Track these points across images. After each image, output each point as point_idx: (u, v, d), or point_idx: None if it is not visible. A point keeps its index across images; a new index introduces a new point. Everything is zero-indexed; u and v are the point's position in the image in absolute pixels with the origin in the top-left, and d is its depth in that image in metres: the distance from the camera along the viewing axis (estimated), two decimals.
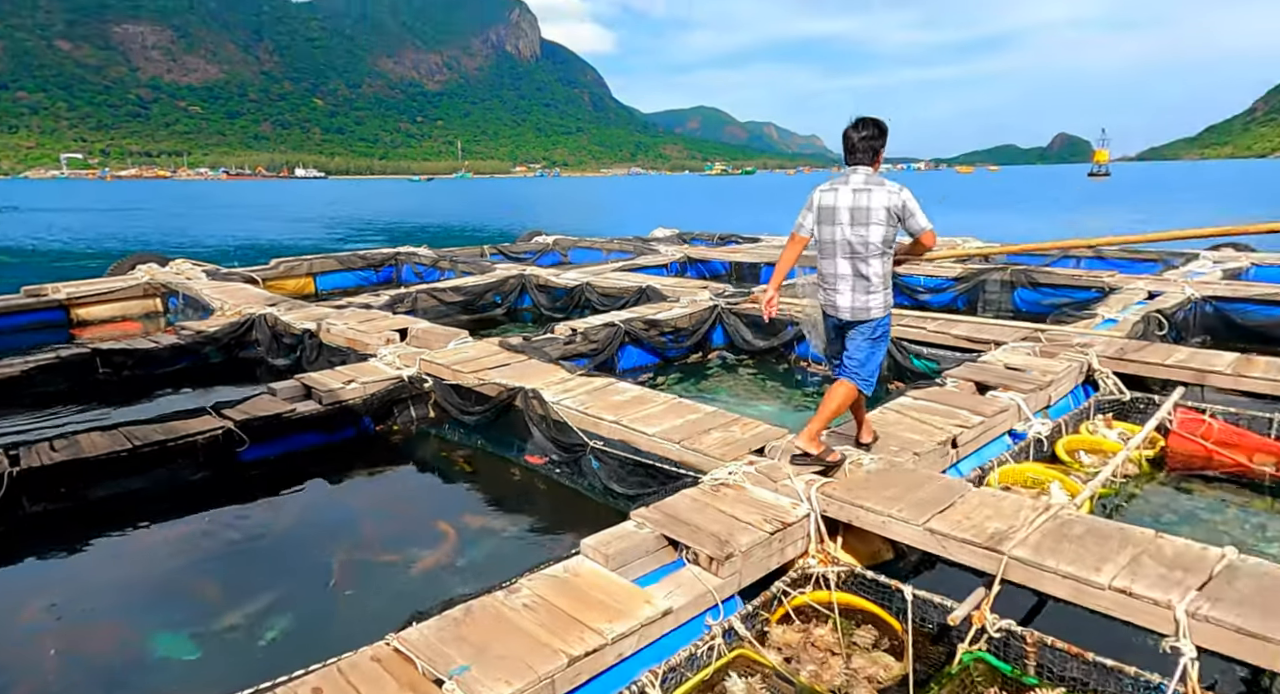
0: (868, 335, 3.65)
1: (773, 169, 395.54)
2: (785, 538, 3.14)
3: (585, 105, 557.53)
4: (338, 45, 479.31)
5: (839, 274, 3.59)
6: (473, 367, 5.09)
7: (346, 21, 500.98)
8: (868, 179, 3.50)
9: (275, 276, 10.43)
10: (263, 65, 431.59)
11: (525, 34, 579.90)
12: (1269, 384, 4.89)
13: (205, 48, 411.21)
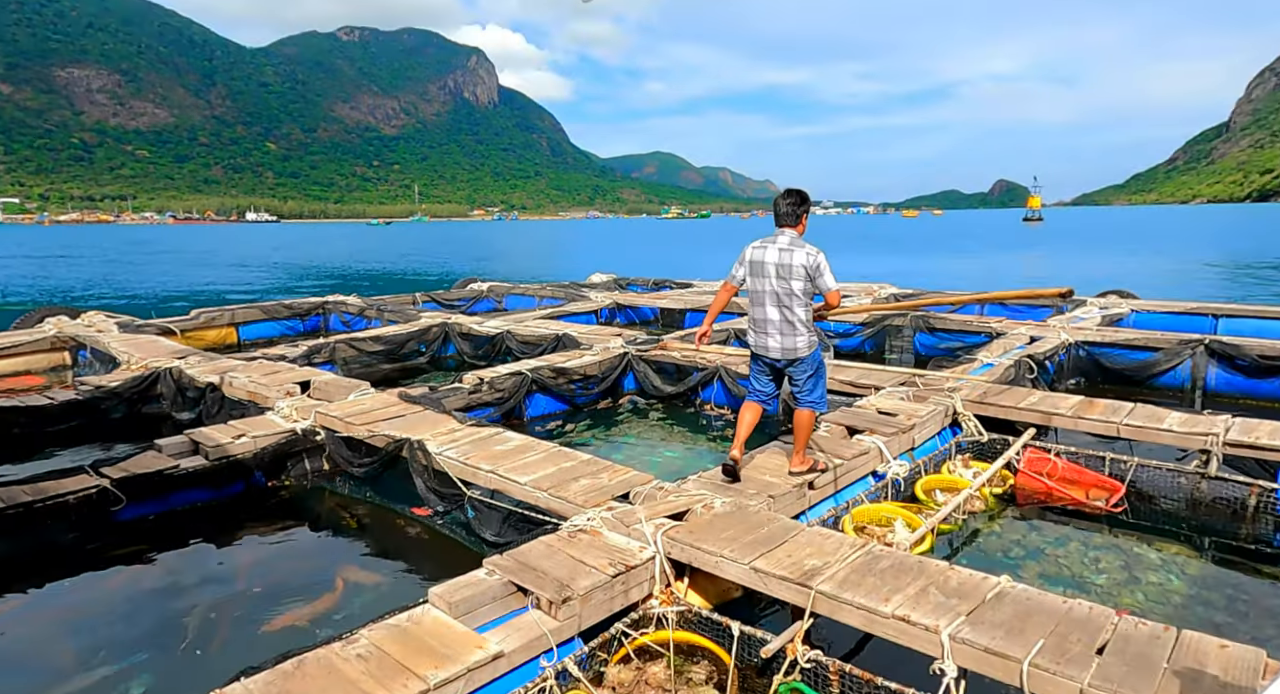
0: (807, 371, 4.36)
1: (728, 212, 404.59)
2: (629, 580, 3.31)
3: (543, 150, 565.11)
4: (292, 90, 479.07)
5: (769, 319, 4.28)
6: (366, 419, 5.22)
7: (302, 67, 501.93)
8: (792, 241, 4.22)
9: (195, 328, 10.38)
10: (214, 110, 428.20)
11: (483, 81, 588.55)
12: (1103, 424, 5.33)
13: (154, 92, 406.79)
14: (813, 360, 4.36)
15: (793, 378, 4.41)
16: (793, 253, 4.16)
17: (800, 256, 4.15)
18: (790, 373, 4.40)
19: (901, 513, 4.62)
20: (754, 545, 3.39)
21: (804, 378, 4.37)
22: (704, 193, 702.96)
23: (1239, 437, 4.83)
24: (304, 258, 44.83)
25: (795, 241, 4.21)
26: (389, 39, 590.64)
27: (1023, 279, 25.56)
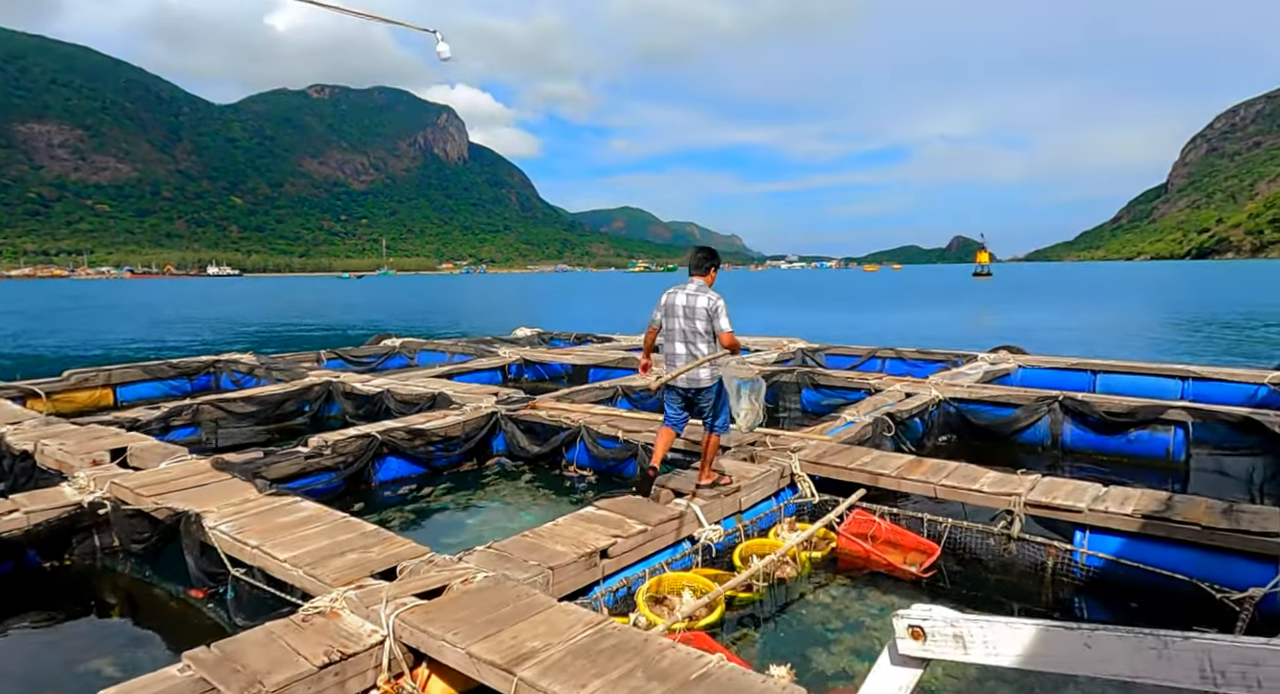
0: (710, 399, 5.13)
1: None
2: (346, 670, 3.07)
3: (513, 205, 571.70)
4: (260, 146, 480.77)
5: (677, 354, 5.08)
6: (161, 489, 4.97)
7: (269, 123, 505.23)
8: (699, 288, 5.06)
9: (65, 389, 9.98)
10: (178, 164, 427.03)
11: (453, 137, 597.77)
12: (923, 485, 5.31)
13: (117, 147, 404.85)
14: (714, 389, 5.13)
15: (699, 405, 5.18)
16: (698, 297, 4.99)
17: (703, 300, 4.98)
18: (697, 401, 5.17)
19: (699, 581, 4.50)
20: (485, 626, 3.21)
21: (708, 405, 5.14)
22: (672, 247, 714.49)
23: (1039, 496, 4.83)
24: (248, 313, 44.10)
25: (701, 288, 5.05)
26: (360, 97, 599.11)
27: (946, 331, 26.09)
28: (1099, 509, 4.59)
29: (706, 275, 5.14)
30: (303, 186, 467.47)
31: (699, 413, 5.23)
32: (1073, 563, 4.63)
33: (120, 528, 4.70)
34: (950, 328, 28.55)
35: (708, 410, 5.15)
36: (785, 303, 49.41)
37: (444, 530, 6.07)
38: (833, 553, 5.21)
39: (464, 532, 6.03)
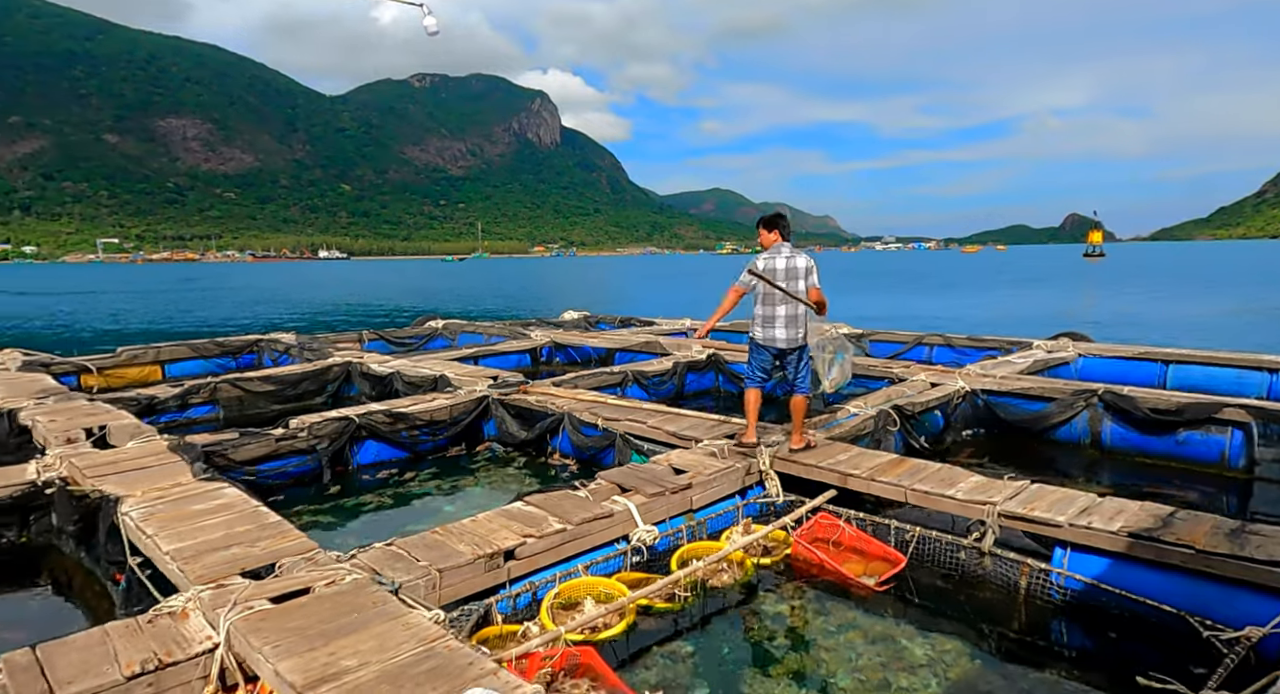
0: (803, 358, 5.40)
1: None
2: (162, 680, 2.85)
3: (603, 188, 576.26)
4: (365, 135, 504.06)
5: (780, 315, 5.29)
6: (106, 470, 5.05)
7: (375, 113, 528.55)
8: (793, 250, 5.35)
9: (116, 365, 10.58)
10: (294, 154, 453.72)
11: (546, 122, 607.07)
12: (894, 488, 4.72)
13: (242, 139, 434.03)
14: (806, 350, 5.35)
15: (790, 366, 5.37)
16: (796, 258, 5.26)
17: (801, 260, 5.27)
18: (789, 362, 5.37)
19: (616, 587, 4.14)
20: (314, 638, 2.90)
21: (802, 362, 5.35)
22: None
23: (1016, 507, 4.18)
24: (345, 294, 46.28)
25: (795, 250, 5.34)
26: (458, 84, 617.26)
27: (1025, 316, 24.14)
28: (1081, 524, 3.92)
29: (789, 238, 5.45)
30: (405, 173, 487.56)
31: (786, 373, 5.42)
32: (1050, 583, 3.98)
33: (58, 508, 4.79)
34: (1031, 312, 26.44)
35: (797, 370, 5.38)
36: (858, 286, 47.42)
37: (396, 520, 5.89)
38: (787, 560, 4.74)
39: (419, 520, 5.83)
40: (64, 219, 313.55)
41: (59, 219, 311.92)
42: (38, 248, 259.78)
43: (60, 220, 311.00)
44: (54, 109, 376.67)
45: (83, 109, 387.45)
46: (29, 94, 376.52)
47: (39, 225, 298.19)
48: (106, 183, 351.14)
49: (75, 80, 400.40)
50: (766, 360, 5.42)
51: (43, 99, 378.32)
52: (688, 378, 9.72)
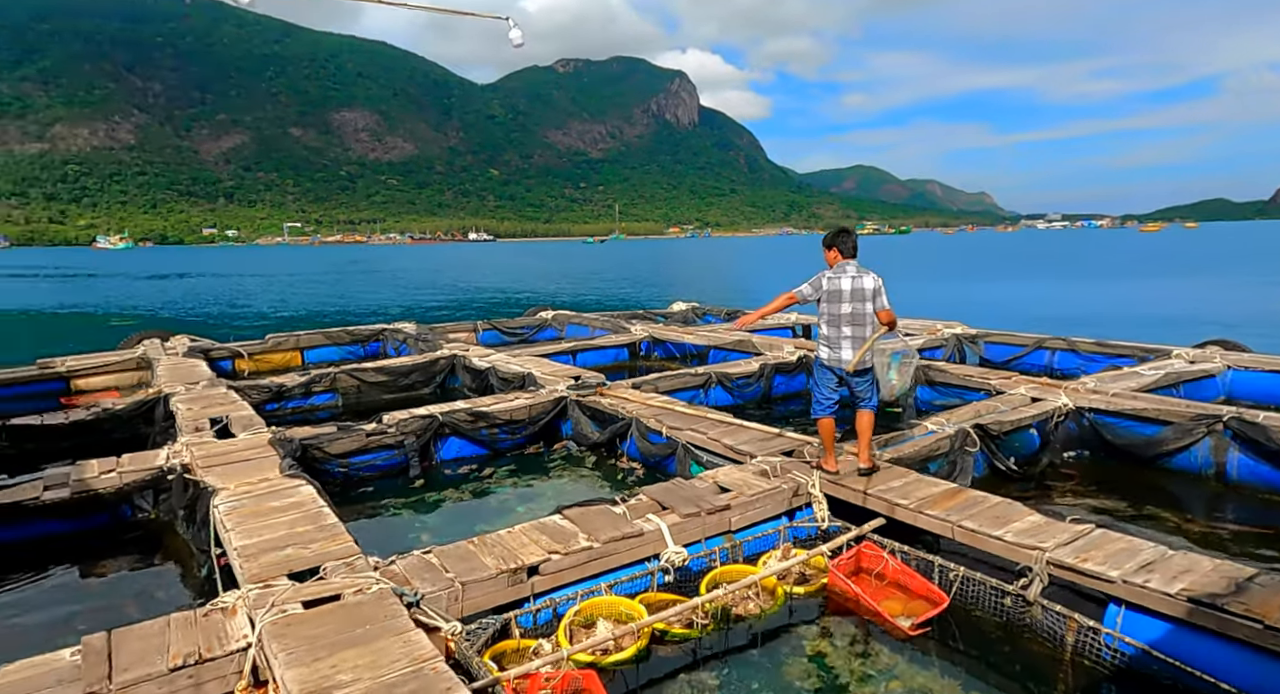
0: (871, 378, 5.26)
1: (933, 227, 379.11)
2: (201, 674, 3.19)
3: (740, 167, 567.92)
4: (513, 121, 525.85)
5: (843, 336, 5.17)
6: (215, 461, 5.73)
7: (522, 99, 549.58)
8: (859, 268, 5.17)
9: (263, 351, 11.89)
10: (449, 141, 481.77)
11: (684, 102, 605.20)
12: (940, 523, 4.43)
13: (404, 128, 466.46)
14: (873, 369, 5.24)
15: (857, 385, 5.27)
16: (863, 279, 5.13)
17: (869, 281, 5.13)
18: (855, 381, 5.24)
19: (636, 609, 4.21)
20: (326, 647, 3.16)
21: (867, 384, 5.26)
22: (908, 207, 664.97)
23: (1067, 555, 3.81)
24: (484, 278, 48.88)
25: (861, 269, 5.17)
26: (598, 68, 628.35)
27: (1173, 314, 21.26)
28: (1136, 582, 3.52)
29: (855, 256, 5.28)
30: (548, 157, 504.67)
31: (854, 392, 5.32)
32: (1100, 644, 3.61)
33: (175, 493, 5.52)
34: (1195, 308, 23.26)
35: (865, 388, 5.27)
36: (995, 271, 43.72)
37: (471, 516, 6.25)
38: (823, 590, 4.60)
39: (492, 518, 6.12)
40: (258, 206, 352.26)
41: (254, 206, 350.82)
42: (238, 231, 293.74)
43: (255, 207, 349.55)
44: (251, 107, 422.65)
45: (274, 106, 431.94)
46: (232, 94, 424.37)
47: (239, 211, 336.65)
48: (291, 172, 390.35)
49: (268, 80, 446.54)
50: (833, 381, 5.31)
51: (243, 98, 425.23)
52: (776, 380, 9.52)
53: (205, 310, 28.23)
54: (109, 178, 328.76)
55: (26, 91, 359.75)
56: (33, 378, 9.80)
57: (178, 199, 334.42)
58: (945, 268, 51.85)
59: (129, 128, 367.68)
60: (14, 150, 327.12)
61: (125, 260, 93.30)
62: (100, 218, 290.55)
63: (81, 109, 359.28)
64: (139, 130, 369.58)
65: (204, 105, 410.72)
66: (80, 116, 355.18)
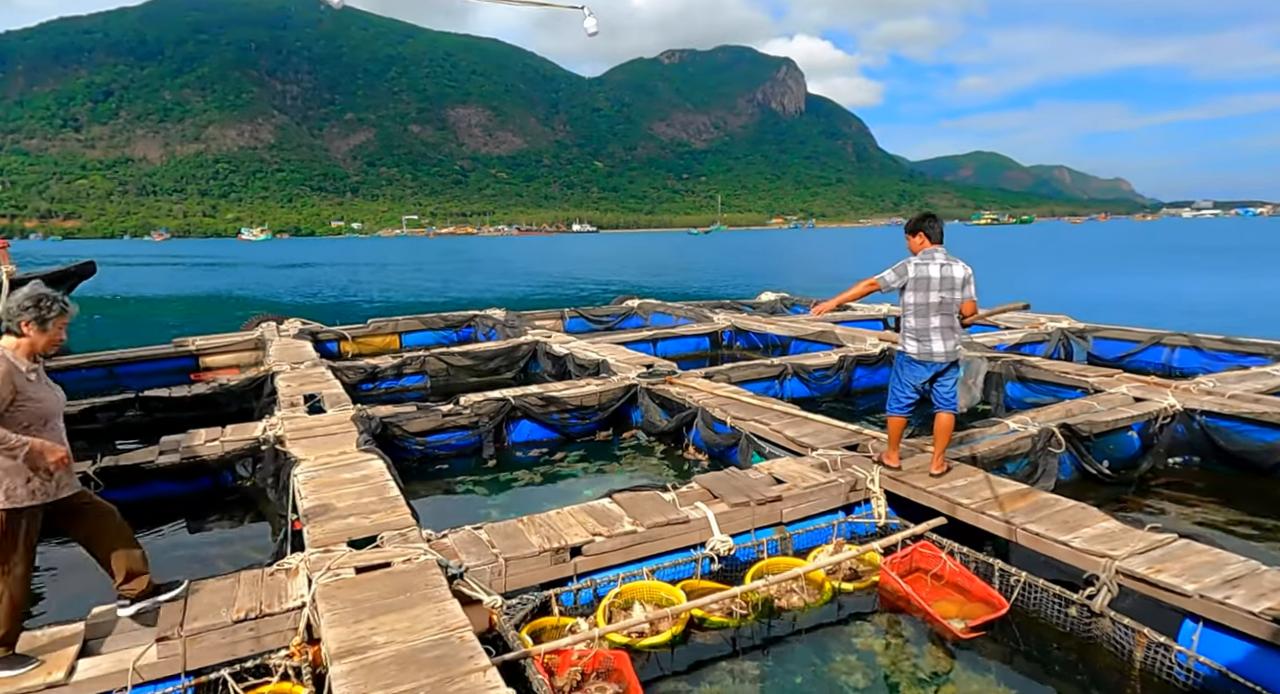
0: (957, 374, 4.98)
1: (1059, 216, 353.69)
2: (261, 627, 3.45)
3: (848, 156, 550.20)
4: (618, 113, 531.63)
5: (932, 327, 4.84)
6: (301, 434, 6.16)
7: (627, 92, 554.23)
8: (947, 256, 4.86)
9: (365, 334, 12.65)
10: (556, 135, 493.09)
11: (791, 90, 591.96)
12: (1003, 525, 4.16)
13: (514, 123, 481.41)
14: (959, 365, 4.97)
15: (942, 382, 4.94)
16: (952, 267, 4.82)
17: (959, 270, 4.82)
18: (942, 379, 4.94)
19: (674, 593, 4.21)
20: (368, 611, 3.34)
21: (952, 382, 4.95)
22: (1032, 195, 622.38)
23: (1139, 565, 3.49)
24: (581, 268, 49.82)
25: (950, 256, 4.86)
26: (704, 58, 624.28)
27: None
28: (1215, 597, 3.20)
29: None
30: (652, 149, 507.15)
31: (936, 391, 4.98)
32: (1173, 662, 3.31)
33: (266, 462, 5.99)
34: None
35: (950, 386, 4.96)
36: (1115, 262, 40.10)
37: (538, 498, 6.41)
38: (874, 588, 4.44)
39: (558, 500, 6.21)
40: (380, 199, 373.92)
41: (377, 199, 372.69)
42: (362, 224, 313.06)
43: (378, 201, 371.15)
44: (376, 105, 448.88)
45: (396, 104, 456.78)
46: (359, 94, 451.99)
47: (363, 205, 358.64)
48: (410, 167, 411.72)
49: (391, 79, 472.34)
50: (921, 377, 4.95)
51: (368, 97, 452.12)
52: (857, 373, 9.21)
53: (320, 296, 30.30)
54: (252, 175, 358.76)
55: (186, 97, 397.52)
56: (169, 355, 10.86)
57: (310, 194, 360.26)
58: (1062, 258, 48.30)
59: (270, 128, 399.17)
60: (175, 152, 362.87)
61: (262, 251, 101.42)
62: (245, 212, 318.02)
63: (230, 112, 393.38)
64: (278, 130, 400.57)
65: (334, 105, 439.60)
66: (229, 119, 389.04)
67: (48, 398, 3.29)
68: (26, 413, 3.16)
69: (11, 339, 3.23)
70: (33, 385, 3.22)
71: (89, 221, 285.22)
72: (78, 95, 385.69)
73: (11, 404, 3.10)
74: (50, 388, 3.37)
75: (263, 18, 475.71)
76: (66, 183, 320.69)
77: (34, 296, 3.24)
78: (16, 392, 3.11)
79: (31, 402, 3.18)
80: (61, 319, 3.32)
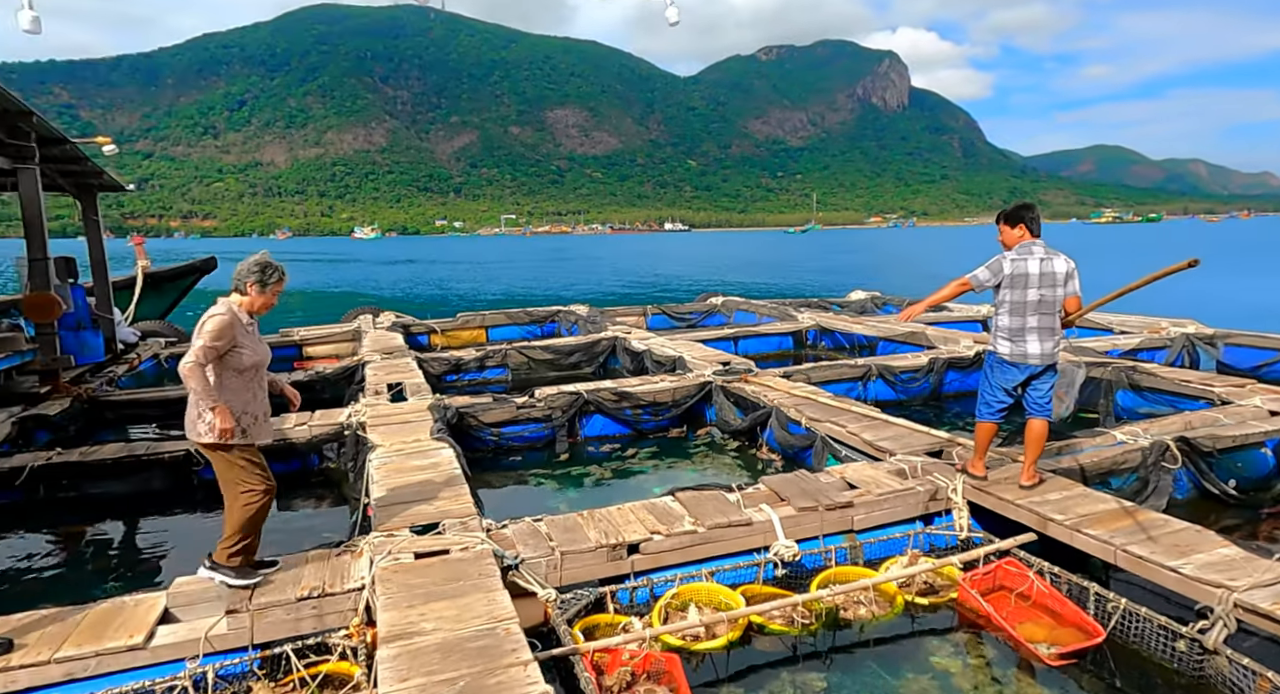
0: (1054, 377, 4.62)
1: (1195, 214, 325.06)
2: (323, 606, 3.55)
3: (954, 151, 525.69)
4: (713, 112, 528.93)
5: (1028, 327, 4.49)
6: (380, 421, 6.36)
7: (722, 90, 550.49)
8: (1047, 250, 4.49)
9: (454, 328, 13.04)
10: (650, 134, 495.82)
11: (893, 84, 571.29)
12: (1101, 547, 3.76)
13: (609, 123, 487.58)
14: (1056, 369, 4.62)
15: (1037, 387, 4.59)
16: (1053, 261, 4.45)
17: (1060, 264, 4.45)
18: (1037, 382, 4.59)
19: (733, 597, 4.05)
20: (419, 597, 3.36)
21: (1047, 386, 4.59)
22: (1161, 191, 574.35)
23: (1262, 599, 3.06)
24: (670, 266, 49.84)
25: (1050, 250, 4.50)
26: (802, 53, 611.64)
27: None
28: None
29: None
30: (746, 147, 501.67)
31: (1030, 396, 4.62)
32: None
33: (347, 446, 6.22)
34: None
35: (1045, 391, 4.58)
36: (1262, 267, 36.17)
37: (605, 493, 6.37)
38: (953, 604, 4.13)
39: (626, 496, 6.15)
40: (480, 199, 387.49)
41: (478, 199, 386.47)
42: (463, 223, 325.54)
43: (478, 201, 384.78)
44: (479, 109, 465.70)
45: (498, 107, 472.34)
46: (463, 98, 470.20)
47: (465, 205, 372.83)
48: (509, 168, 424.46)
49: (493, 83, 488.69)
50: (1014, 380, 4.60)
51: (472, 101, 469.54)
52: (948, 376, 8.70)
53: (417, 291, 31.59)
54: (365, 177, 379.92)
55: (308, 105, 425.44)
56: (276, 344, 11.54)
57: (416, 194, 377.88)
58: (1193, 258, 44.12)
59: (382, 132, 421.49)
60: (298, 156, 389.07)
61: (371, 248, 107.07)
62: (357, 211, 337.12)
63: (347, 118, 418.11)
64: (389, 134, 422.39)
65: (440, 109, 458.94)
66: (346, 124, 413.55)
67: (259, 350, 3.81)
68: (242, 359, 3.67)
69: (237, 297, 3.77)
70: (249, 337, 3.74)
71: (223, 221, 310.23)
72: (216, 105, 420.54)
73: (232, 349, 3.61)
74: (260, 342, 3.87)
75: (378, 28, 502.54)
76: (205, 185, 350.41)
77: (260, 263, 3.76)
78: (236, 340, 3.62)
79: (247, 351, 3.69)
80: (278, 286, 3.83)
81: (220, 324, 3.57)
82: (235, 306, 3.73)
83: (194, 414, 3.64)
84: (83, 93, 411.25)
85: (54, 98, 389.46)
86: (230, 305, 3.71)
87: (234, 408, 3.64)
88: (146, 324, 12.73)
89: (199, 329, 3.57)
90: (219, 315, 3.61)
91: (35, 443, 7.07)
